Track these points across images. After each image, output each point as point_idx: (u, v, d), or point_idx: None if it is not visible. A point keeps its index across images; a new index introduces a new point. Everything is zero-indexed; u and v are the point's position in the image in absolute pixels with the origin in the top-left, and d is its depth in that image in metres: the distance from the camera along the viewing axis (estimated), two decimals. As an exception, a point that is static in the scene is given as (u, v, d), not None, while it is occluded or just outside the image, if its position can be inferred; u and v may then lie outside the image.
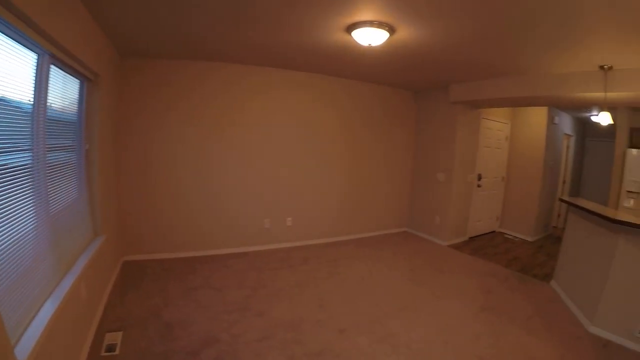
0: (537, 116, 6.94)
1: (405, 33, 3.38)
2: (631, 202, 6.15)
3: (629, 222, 3.43)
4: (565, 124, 7.80)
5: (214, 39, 3.91)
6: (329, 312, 3.76)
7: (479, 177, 6.84)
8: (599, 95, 4.18)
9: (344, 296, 4.15)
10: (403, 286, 4.53)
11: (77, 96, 3.23)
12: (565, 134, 7.93)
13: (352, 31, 3.31)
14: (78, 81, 3.22)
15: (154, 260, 4.92)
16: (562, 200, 5.00)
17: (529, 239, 7.04)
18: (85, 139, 3.39)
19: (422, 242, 6.51)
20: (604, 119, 4.14)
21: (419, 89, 6.75)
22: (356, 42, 3.51)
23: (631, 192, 6.17)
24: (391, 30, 3.26)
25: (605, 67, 3.88)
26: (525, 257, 6.02)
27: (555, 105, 6.74)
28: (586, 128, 9.12)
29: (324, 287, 4.35)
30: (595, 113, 4.08)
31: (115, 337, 3.09)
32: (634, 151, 6.23)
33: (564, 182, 8.25)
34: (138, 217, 4.89)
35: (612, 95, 4.12)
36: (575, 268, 4.34)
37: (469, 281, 4.81)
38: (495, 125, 7.09)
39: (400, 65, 4.78)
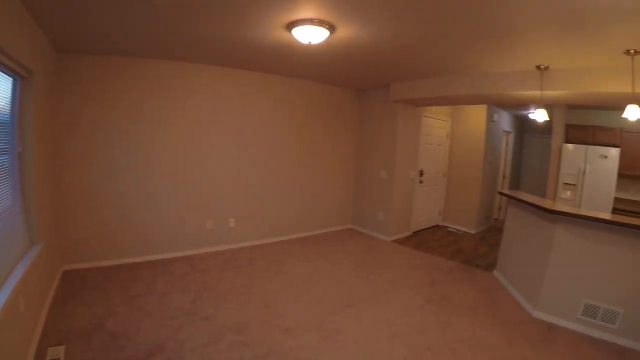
0: (477, 114, 7.23)
1: (345, 32, 3.36)
2: (568, 194, 6.55)
3: (566, 212, 3.63)
4: (505, 121, 8.17)
5: (151, 34, 3.69)
6: (275, 312, 3.68)
7: (421, 173, 6.99)
8: (535, 93, 4.36)
9: (290, 295, 4.08)
10: (348, 283, 4.52)
11: (10, 95, 2.91)
12: (505, 131, 8.33)
13: (292, 29, 3.24)
14: (11, 79, 2.90)
15: (95, 269, 4.58)
16: (501, 194, 5.21)
17: (472, 231, 7.34)
18: (19, 141, 3.06)
19: (366, 239, 6.56)
20: (540, 116, 4.34)
21: (362, 88, 6.78)
22: (297, 40, 3.44)
23: (567, 184, 6.58)
24: (331, 28, 3.23)
25: (542, 67, 4.05)
26: (468, 248, 6.25)
27: (495, 104, 7.02)
28: (525, 125, 9.63)
29: (270, 287, 4.26)
30: (532, 111, 4.27)
31: (57, 352, 2.84)
32: (570, 146, 6.61)
33: (504, 176, 8.66)
34: (77, 223, 4.52)
35: (548, 93, 4.31)
36: (516, 257, 4.52)
37: (413, 274, 4.88)
38: (436, 123, 7.29)
39: (342, 64, 4.76)
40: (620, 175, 6.45)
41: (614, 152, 6.32)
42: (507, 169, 8.85)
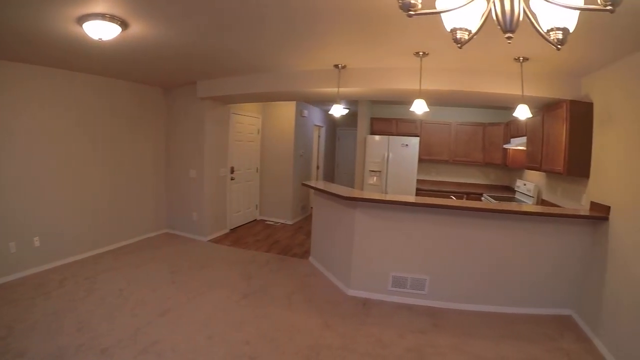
0: (287, 110, 7.59)
1: (140, 28, 3.15)
2: (374, 179, 7.29)
3: (359, 198, 4.04)
4: (315, 116, 8.73)
5: None
6: (90, 334, 3.23)
7: (232, 170, 6.97)
8: (333, 90, 4.71)
9: (103, 313, 3.62)
10: (164, 289, 4.26)
11: None
12: (316, 125, 8.94)
13: (83, 23, 2.91)
14: None
15: None
16: (304, 185, 5.48)
17: (289, 222, 7.69)
18: None
19: (183, 242, 6.27)
20: (337, 111, 4.70)
21: (170, 86, 6.42)
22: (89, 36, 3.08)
23: (373, 171, 7.29)
24: (124, 25, 2.99)
25: (340, 66, 4.37)
26: (285, 239, 6.51)
27: (302, 100, 7.39)
28: (337, 119, 10.40)
29: (83, 308, 3.71)
30: (337, 106, 4.61)
31: None
32: (375, 137, 7.33)
33: (317, 167, 9.30)
34: None
35: (344, 90, 4.71)
36: (326, 242, 4.86)
37: (230, 272, 4.85)
38: (247, 119, 7.37)
39: (142, 61, 4.45)
40: (421, 160, 7.48)
41: (415, 141, 7.24)
42: (321, 161, 9.57)
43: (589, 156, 3.91)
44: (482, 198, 6.68)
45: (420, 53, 3.65)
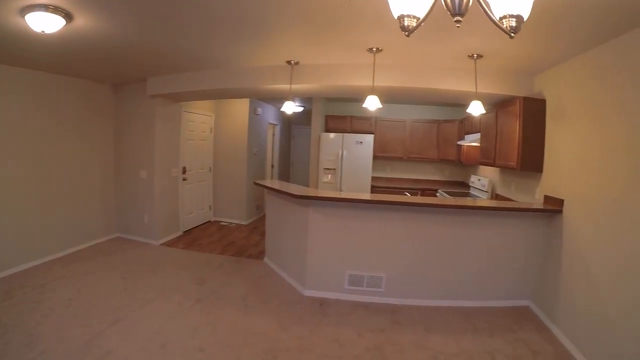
0: (240, 108, 7.39)
1: (84, 21, 2.98)
2: (329, 177, 7.26)
3: (314, 196, 3.97)
4: (270, 114, 8.60)
5: None
6: (39, 349, 2.98)
7: (184, 171, 6.72)
8: (286, 87, 4.62)
9: (53, 325, 3.36)
10: (115, 297, 4.02)
11: None
12: (270, 123, 8.79)
13: (25, 15, 2.73)
14: None
15: None
16: (256, 184, 5.27)
17: (244, 222, 7.51)
18: None
19: (134, 246, 5.96)
20: (289, 108, 4.60)
21: (119, 83, 6.09)
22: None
23: (328, 169, 7.26)
24: (68, 17, 2.83)
25: (292, 62, 4.29)
26: (240, 240, 6.35)
27: (255, 97, 7.24)
28: (291, 117, 10.33)
29: (32, 321, 3.42)
30: (290, 103, 4.53)
31: None
32: (329, 135, 7.29)
33: (272, 166, 9.17)
34: None
35: (297, 87, 4.63)
36: (282, 242, 4.76)
37: (183, 276, 4.66)
38: (199, 117, 7.14)
39: (89, 56, 4.19)
40: (376, 157, 7.54)
41: (369, 138, 7.25)
42: (275, 159, 9.44)
43: (542, 152, 4.04)
44: (437, 194, 6.79)
45: (374, 49, 3.63)
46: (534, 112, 4.06)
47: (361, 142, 7.25)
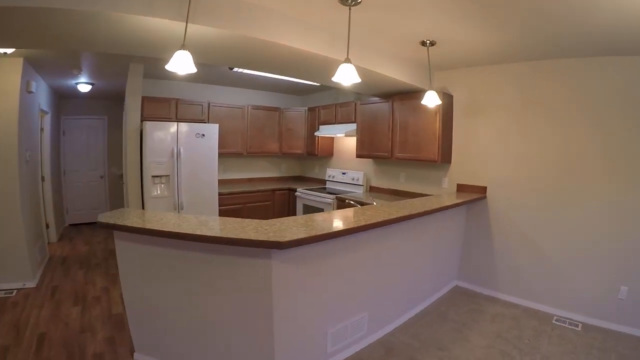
0: (4, 78, 4.04)
1: None
2: (160, 190, 4.99)
3: (286, 242, 2.10)
4: (42, 95, 5.30)
5: None
6: None
7: None
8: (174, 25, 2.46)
9: None
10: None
11: None
12: (42, 110, 5.39)
13: None
14: None
15: None
16: (100, 224, 2.59)
17: (31, 284, 4.19)
18: None
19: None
20: (179, 67, 2.30)
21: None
22: None
23: (157, 176, 4.94)
24: None
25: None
26: (51, 329, 3.39)
27: (107, 48, 3.86)
28: (62, 102, 6.98)
29: None
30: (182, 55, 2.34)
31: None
32: (155, 124, 4.94)
33: (43, 179, 5.62)
34: None
35: (196, 29, 2.45)
36: (197, 336, 2.59)
37: None
38: None
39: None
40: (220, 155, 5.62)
41: (213, 129, 5.43)
42: (47, 169, 5.87)
43: (451, 144, 4.58)
44: (297, 194, 6.01)
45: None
46: (446, 106, 4.38)
47: (203, 135, 5.27)
